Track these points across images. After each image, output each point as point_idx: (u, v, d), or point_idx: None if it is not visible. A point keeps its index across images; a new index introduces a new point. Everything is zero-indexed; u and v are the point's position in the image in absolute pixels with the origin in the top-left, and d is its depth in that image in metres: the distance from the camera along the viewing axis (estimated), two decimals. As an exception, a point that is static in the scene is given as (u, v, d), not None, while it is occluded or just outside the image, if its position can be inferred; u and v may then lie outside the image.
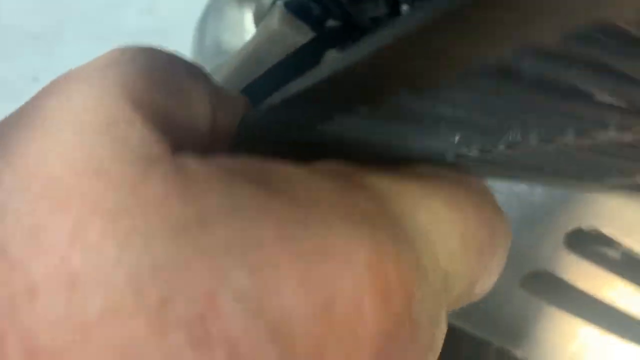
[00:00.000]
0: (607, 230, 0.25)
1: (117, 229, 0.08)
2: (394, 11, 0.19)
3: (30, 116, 0.10)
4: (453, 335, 0.30)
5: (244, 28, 0.34)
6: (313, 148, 0.12)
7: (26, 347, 0.07)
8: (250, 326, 0.08)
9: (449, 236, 0.11)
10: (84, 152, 0.09)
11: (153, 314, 0.08)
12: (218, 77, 0.26)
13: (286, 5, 0.27)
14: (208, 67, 0.17)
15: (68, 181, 0.08)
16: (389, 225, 0.11)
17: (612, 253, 0.28)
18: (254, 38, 0.30)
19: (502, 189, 0.24)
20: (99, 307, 0.07)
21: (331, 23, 0.25)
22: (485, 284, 0.13)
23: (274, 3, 0.31)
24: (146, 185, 0.08)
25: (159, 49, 0.12)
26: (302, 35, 0.24)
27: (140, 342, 0.07)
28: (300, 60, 0.21)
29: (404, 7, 0.18)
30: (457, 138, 0.13)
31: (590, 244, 0.26)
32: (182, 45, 0.29)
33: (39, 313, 0.08)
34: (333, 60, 0.10)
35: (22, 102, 0.11)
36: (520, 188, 0.24)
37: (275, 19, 0.27)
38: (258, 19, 0.32)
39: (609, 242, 0.27)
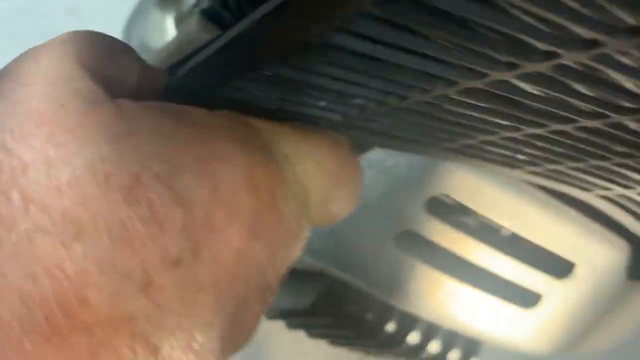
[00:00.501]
0: (460, 198, 0.32)
1: (76, 136, 0.13)
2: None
3: (11, 73, 0.15)
4: (341, 287, 0.36)
5: (166, 31, 0.39)
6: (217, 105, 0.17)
7: (23, 197, 0.12)
8: (163, 193, 0.13)
9: (305, 161, 0.17)
10: (52, 95, 0.14)
11: (101, 182, 0.13)
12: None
13: (203, 12, 0.32)
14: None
15: (43, 111, 0.13)
16: (261, 146, 0.16)
17: (469, 220, 0.35)
18: (175, 40, 0.35)
19: (373, 163, 0.30)
20: (67, 178, 0.13)
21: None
22: (340, 206, 0.19)
23: (192, 10, 0.36)
24: (95, 113, 0.14)
25: (101, 32, 0.17)
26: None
27: (93, 197, 0.13)
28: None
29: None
30: (322, 103, 0.19)
31: (449, 211, 0.33)
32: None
33: (30, 179, 0.13)
34: (223, 35, 0.15)
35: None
36: (389, 162, 0.30)
37: (193, 24, 0.32)
38: (179, 23, 0.37)
39: (465, 210, 0.34)
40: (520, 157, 0.23)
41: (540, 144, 0.20)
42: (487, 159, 0.24)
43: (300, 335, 0.58)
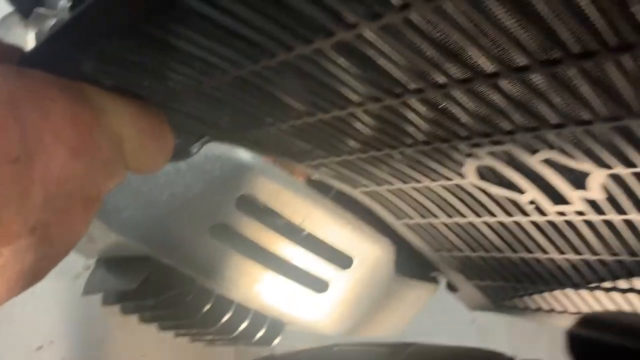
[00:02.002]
0: (263, 198, 0.40)
1: None
2: None
3: None
4: (165, 271, 0.42)
5: (28, 46, 0.44)
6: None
7: None
8: (7, 115, 0.20)
9: (122, 116, 0.24)
10: None
11: (8, 101, 0.19)
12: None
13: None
14: None
15: None
16: (83, 98, 0.23)
17: (277, 219, 0.44)
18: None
19: (193, 166, 0.38)
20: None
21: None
22: (151, 158, 0.26)
23: (52, 28, 0.42)
24: None
25: None
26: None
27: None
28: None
29: None
30: (145, 83, 0.26)
31: (257, 208, 0.41)
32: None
33: None
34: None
35: None
36: (207, 166, 0.38)
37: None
38: (38, 38, 0.43)
39: (271, 211, 0.42)
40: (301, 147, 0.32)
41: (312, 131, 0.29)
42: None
43: (141, 336, 0.63)
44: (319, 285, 0.45)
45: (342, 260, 0.44)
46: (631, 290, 0.36)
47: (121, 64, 0.25)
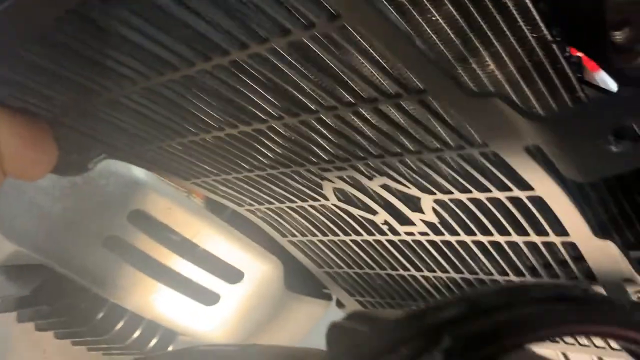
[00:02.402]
0: (154, 214, 0.43)
1: None
2: None
3: None
4: (59, 279, 0.44)
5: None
6: None
7: None
8: None
9: (1, 130, 0.27)
10: None
11: None
12: None
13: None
14: None
15: None
16: None
17: (170, 235, 0.46)
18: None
19: (89, 181, 0.40)
20: None
21: None
22: (31, 164, 0.29)
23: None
24: None
25: None
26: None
27: None
28: None
29: None
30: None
31: (150, 222, 0.44)
32: None
33: None
34: None
35: None
36: (101, 181, 0.40)
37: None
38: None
39: (164, 226, 0.45)
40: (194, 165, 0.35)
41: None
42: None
43: (44, 341, 0.63)
44: (210, 298, 0.47)
45: (233, 275, 0.47)
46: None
47: (12, 85, 0.28)
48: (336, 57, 0.21)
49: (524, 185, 0.26)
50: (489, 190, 0.27)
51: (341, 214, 0.37)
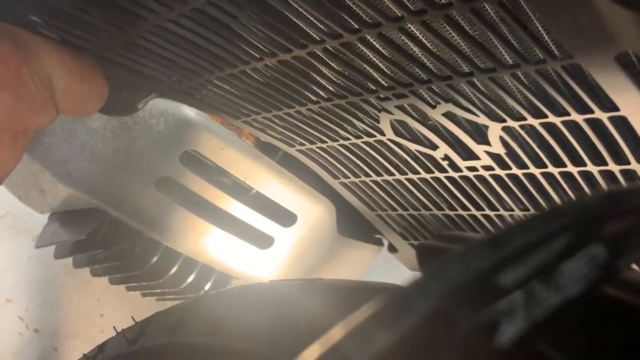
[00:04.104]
0: (207, 155, 0.42)
1: None
2: None
3: None
4: (113, 223, 0.44)
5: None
6: None
7: None
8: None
9: (50, 58, 0.26)
10: None
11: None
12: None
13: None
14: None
15: None
16: (18, 44, 0.25)
17: (223, 176, 0.46)
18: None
19: (139, 121, 0.40)
20: None
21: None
22: (83, 99, 0.28)
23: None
24: None
25: None
26: None
27: None
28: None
29: None
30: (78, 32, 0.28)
31: (201, 164, 0.43)
32: None
33: None
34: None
35: None
36: (152, 121, 0.40)
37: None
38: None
39: (216, 167, 0.44)
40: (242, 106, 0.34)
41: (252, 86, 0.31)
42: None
43: (100, 297, 0.65)
44: (264, 241, 0.47)
45: (286, 218, 0.47)
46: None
47: (59, 16, 0.27)
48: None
49: (607, 105, 0.23)
50: (567, 113, 0.25)
51: (397, 150, 0.35)
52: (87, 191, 0.41)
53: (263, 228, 0.46)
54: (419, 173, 0.37)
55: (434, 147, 0.33)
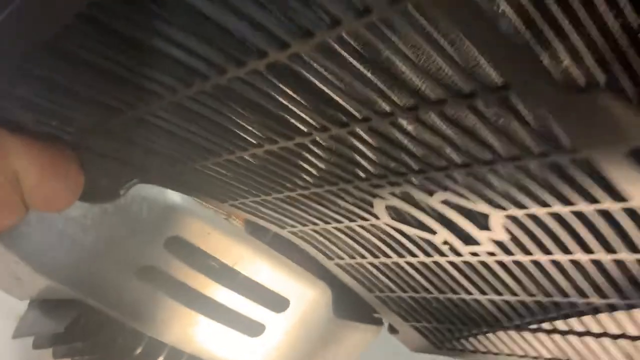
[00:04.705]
0: (192, 240, 0.40)
1: None
2: None
3: None
4: (93, 313, 0.42)
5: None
6: None
7: None
8: None
9: (18, 153, 0.24)
10: None
11: None
12: None
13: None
14: None
15: None
16: None
17: (210, 262, 0.43)
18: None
19: (120, 209, 0.38)
20: None
21: None
22: (56, 194, 0.26)
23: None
24: None
25: None
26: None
27: None
28: None
29: None
30: (54, 123, 0.26)
31: (188, 250, 0.41)
32: None
33: None
34: None
35: None
36: (133, 207, 0.38)
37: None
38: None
39: (202, 252, 0.42)
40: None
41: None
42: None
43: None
44: (254, 329, 0.44)
45: (278, 303, 0.44)
46: (555, 331, 0.36)
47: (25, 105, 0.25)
48: (398, 51, 0.17)
49: (617, 196, 0.22)
50: (573, 204, 0.23)
51: (394, 234, 0.33)
52: (65, 282, 0.38)
53: (253, 315, 0.44)
54: (418, 256, 0.35)
55: (433, 231, 0.31)
